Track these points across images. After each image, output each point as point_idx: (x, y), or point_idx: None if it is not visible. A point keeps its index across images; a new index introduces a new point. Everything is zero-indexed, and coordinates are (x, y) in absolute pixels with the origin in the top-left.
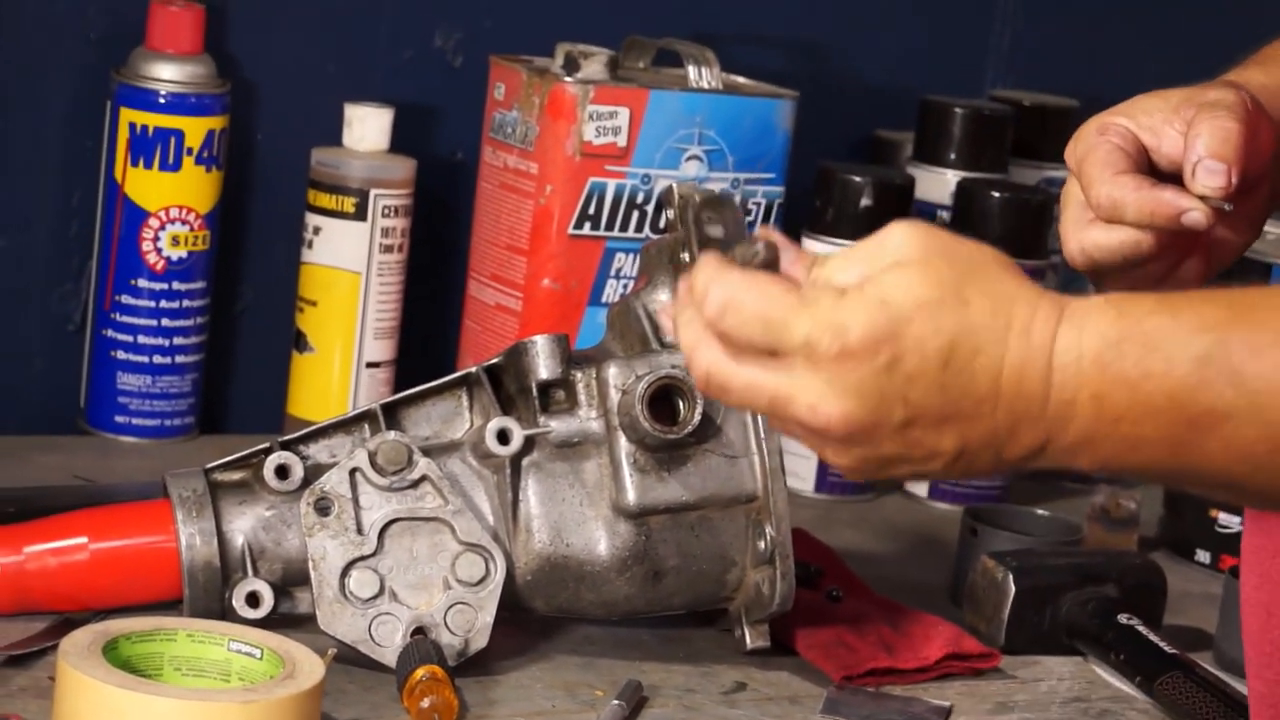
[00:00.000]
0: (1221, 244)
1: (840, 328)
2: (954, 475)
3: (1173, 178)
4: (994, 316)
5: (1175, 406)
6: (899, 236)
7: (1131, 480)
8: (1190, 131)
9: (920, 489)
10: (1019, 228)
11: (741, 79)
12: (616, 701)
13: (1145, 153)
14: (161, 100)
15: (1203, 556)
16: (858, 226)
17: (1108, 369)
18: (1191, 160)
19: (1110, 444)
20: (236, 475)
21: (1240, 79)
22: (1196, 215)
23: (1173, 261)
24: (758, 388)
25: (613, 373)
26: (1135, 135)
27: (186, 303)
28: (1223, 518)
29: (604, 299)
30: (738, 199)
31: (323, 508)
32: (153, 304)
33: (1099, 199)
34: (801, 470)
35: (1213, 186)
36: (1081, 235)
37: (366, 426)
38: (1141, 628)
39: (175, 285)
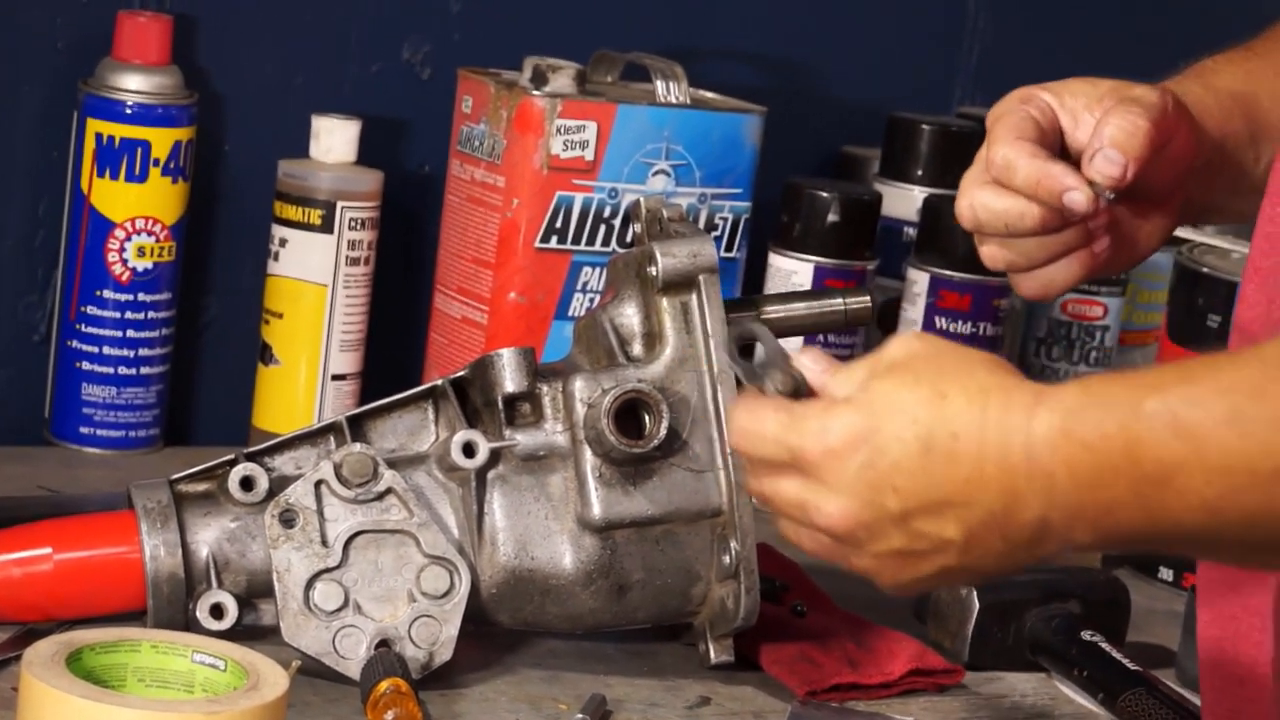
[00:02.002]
0: (1119, 245)
1: (823, 432)
2: (976, 569)
3: (1078, 164)
4: (969, 405)
5: (1132, 463)
6: (895, 345)
7: (1132, 553)
8: (1101, 120)
9: None
10: None
11: (709, 94)
12: (581, 715)
13: (1059, 133)
14: (128, 111)
15: (1166, 574)
16: (824, 242)
17: (1072, 435)
18: (1094, 146)
19: (1093, 511)
20: (201, 487)
21: (1176, 87)
22: (1078, 196)
23: (1056, 249)
24: (782, 498)
25: (579, 386)
26: (1055, 113)
27: (152, 314)
28: None
29: (571, 313)
30: (705, 214)
31: (288, 520)
32: (118, 315)
33: (994, 157)
34: None
35: (1105, 174)
36: (974, 192)
37: (332, 439)
38: (1105, 644)
39: (141, 296)
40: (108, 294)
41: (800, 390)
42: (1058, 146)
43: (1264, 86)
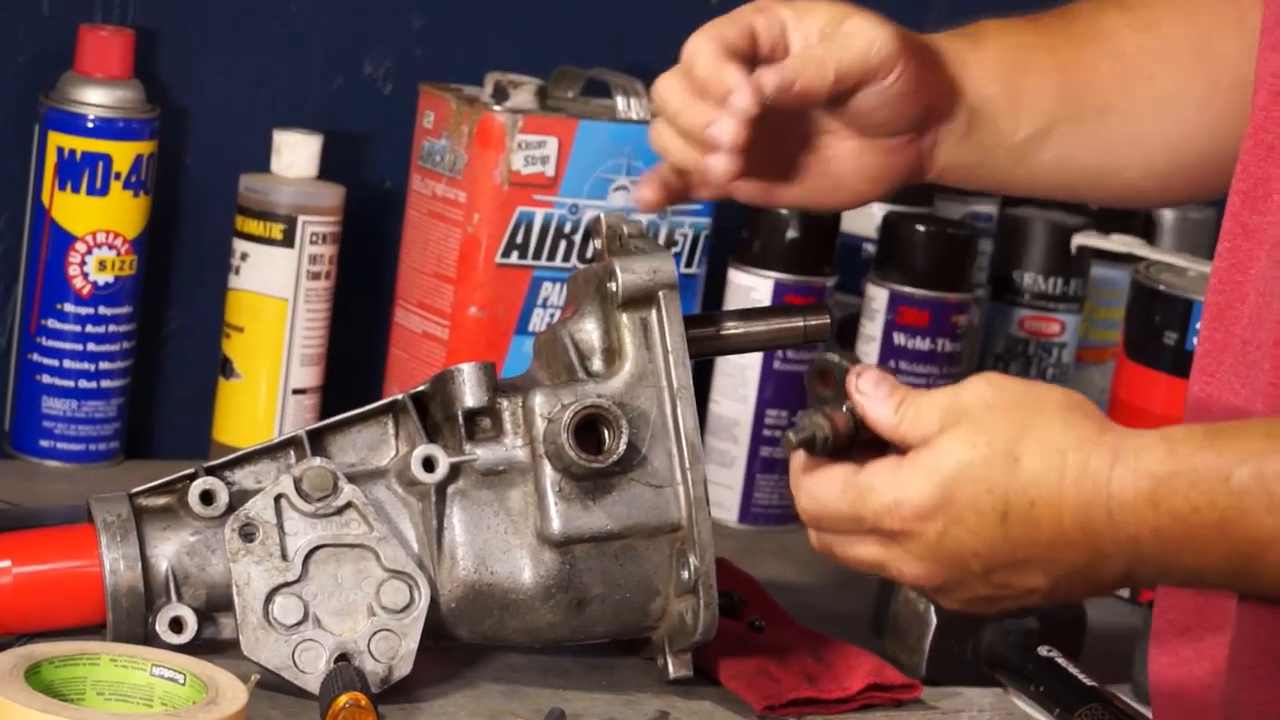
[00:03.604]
0: (817, 171)
1: (896, 506)
2: (1063, 601)
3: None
4: (1046, 470)
5: (1224, 538)
6: (969, 392)
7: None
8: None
9: None
10: (944, 260)
11: None
12: None
13: (783, 49)
14: (90, 124)
15: (1123, 591)
16: (784, 258)
17: (1160, 505)
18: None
19: (1180, 571)
20: (161, 500)
21: (943, 39)
22: (739, 99)
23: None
24: (860, 559)
25: (539, 401)
26: (784, 28)
27: (113, 327)
28: None
29: (531, 328)
30: (665, 230)
31: (247, 533)
32: (79, 328)
33: (686, 45)
34: (726, 500)
35: (769, 81)
36: (661, 78)
37: (292, 453)
38: (1061, 660)
39: (102, 310)
40: (68, 307)
41: (836, 443)
42: (770, 58)
43: (1034, 61)
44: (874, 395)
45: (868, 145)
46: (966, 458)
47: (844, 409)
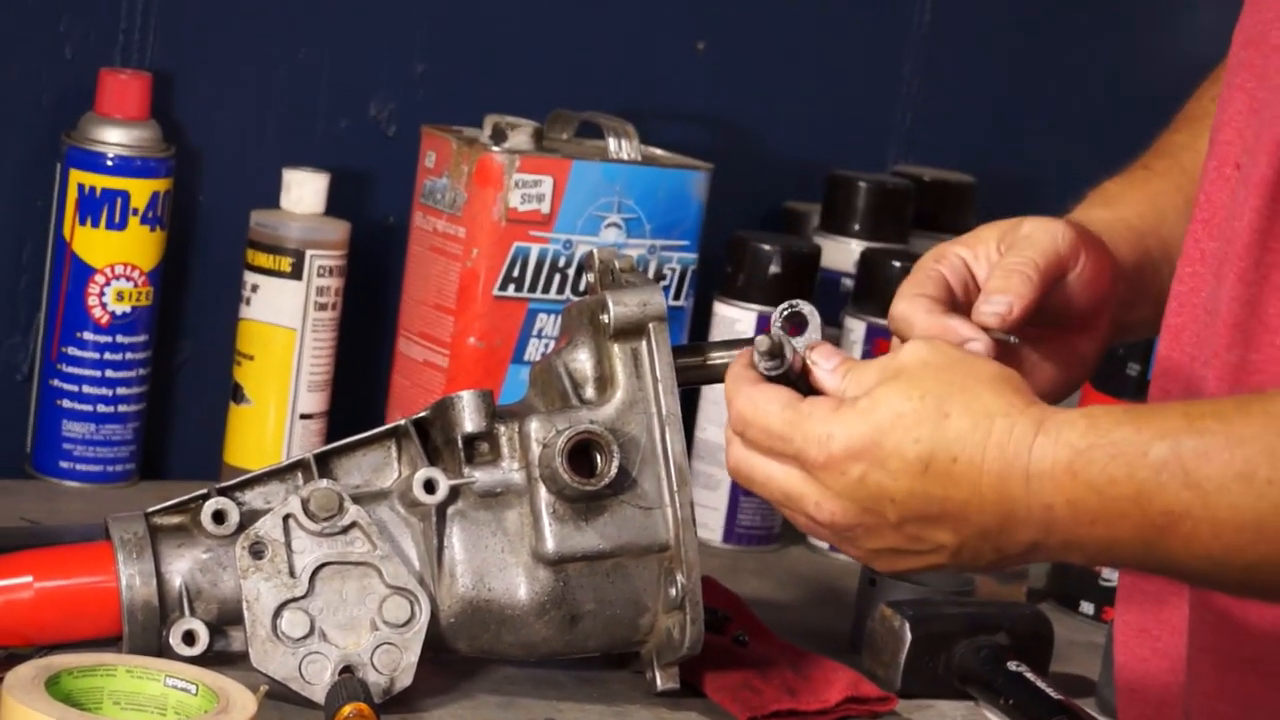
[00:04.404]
0: (1058, 371)
1: (826, 439)
2: (965, 568)
3: None
4: (972, 429)
5: (1139, 510)
6: (906, 351)
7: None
8: (990, 269)
9: (822, 541)
10: None
11: (659, 151)
12: None
13: (974, 283)
14: (109, 163)
15: (1087, 608)
16: (767, 292)
17: (1078, 476)
18: (983, 292)
19: (1091, 544)
20: (175, 519)
21: (1084, 215)
22: (976, 345)
23: None
24: (772, 485)
25: (534, 427)
26: (967, 266)
27: (129, 355)
28: (1105, 572)
29: (527, 357)
30: (654, 264)
31: (257, 551)
32: (97, 356)
33: (893, 313)
34: (711, 522)
35: (990, 313)
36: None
37: (300, 475)
38: (1029, 674)
39: (119, 338)
40: (88, 336)
41: (785, 376)
42: (966, 296)
43: (1168, 203)
44: (824, 363)
45: (1074, 332)
46: (900, 407)
47: (801, 355)
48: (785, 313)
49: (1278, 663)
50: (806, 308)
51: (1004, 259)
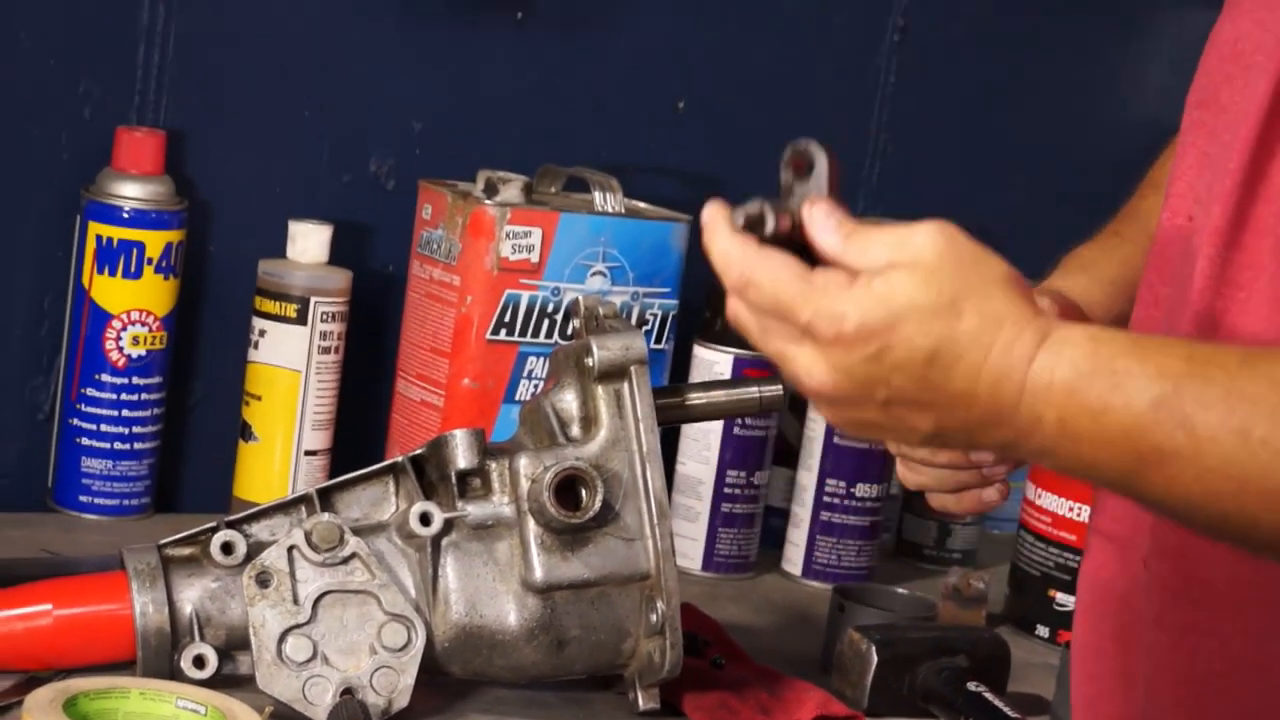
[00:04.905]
0: None
1: (838, 316)
2: (930, 445)
3: None
4: (981, 331)
5: (1128, 440)
6: (923, 236)
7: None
8: None
9: (795, 569)
10: None
11: (642, 204)
12: None
13: None
14: (125, 215)
15: (1042, 631)
16: (741, 336)
17: (1074, 396)
18: None
19: (1069, 458)
20: (186, 551)
21: (1063, 281)
22: (992, 494)
23: (960, 483)
24: (768, 340)
25: (524, 464)
26: None
27: (144, 396)
28: (1060, 597)
29: (517, 397)
30: (636, 311)
31: (263, 580)
32: (114, 396)
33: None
34: (690, 551)
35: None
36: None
37: (304, 508)
38: (988, 694)
39: (135, 380)
40: (105, 378)
41: (762, 229)
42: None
43: (1139, 266)
44: (823, 224)
45: None
46: (920, 299)
47: (787, 211)
48: (790, 152)
49: (1235, 681)
50: (814, 146)
51: None
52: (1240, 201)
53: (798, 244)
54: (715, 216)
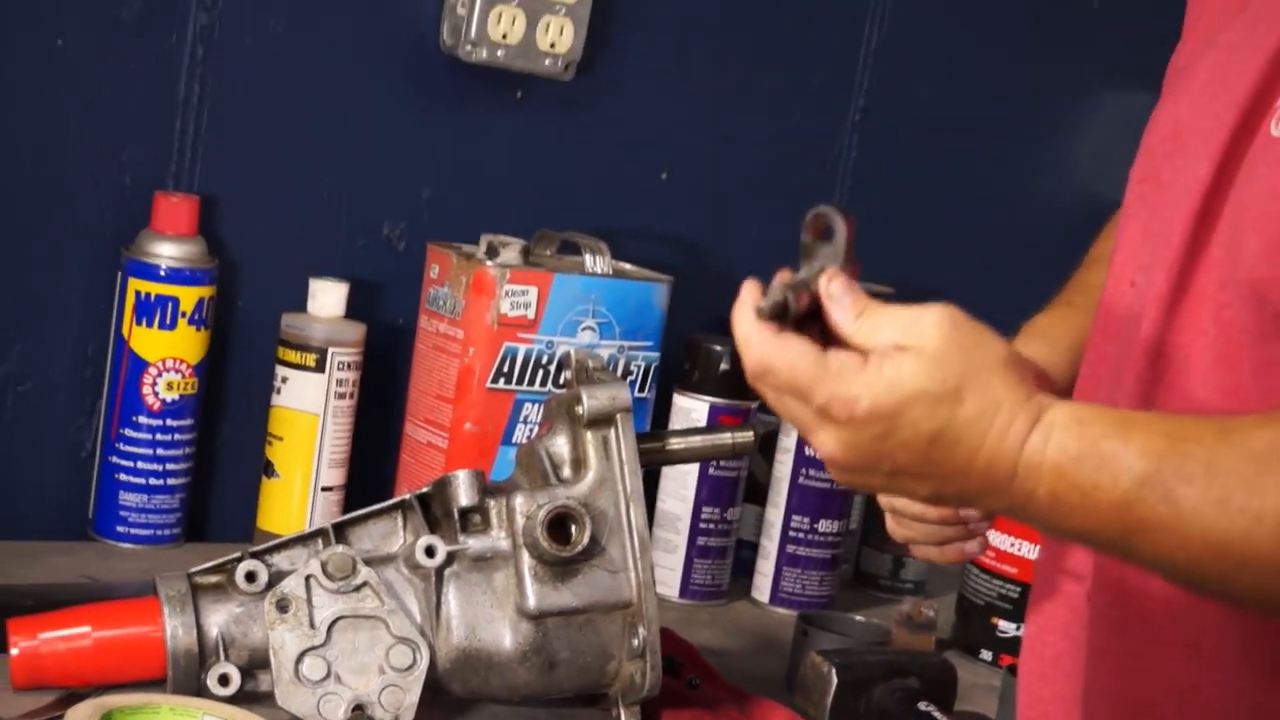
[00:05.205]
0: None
1: (851, 400)
2: (926, 503)
3: None
4: (980, 416)
5: (1116, 514)
6: (931, 321)
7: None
8: None
9: (763, 597)
10: None
11: (628, 266)
12: None
13: None
14: (162, 273)
15: (986, 655)
16: (718, 386)
17: (1064, 477)
18: None
19: (1060, 527)
20: (214, 578)
21: (1026, 347)
22: (973, 548)
23: (945, 538)
24: (792, 415)
25: (519, 502)
26: None
27: (177, 436)
28: (1002, 624)
29: (514, 440)
30: (622, 363)
31: (283, 606)
32: (150, 436)
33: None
34: (669, 580)
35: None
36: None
37: (320, 541)
38: (937, 713)
39: (169, 422)
40: (142, 420)
41: (785, 315)
42: None
43: (1086, 331)
44: (840, 300)
45: None
46: (926, 387)
47: (808, 289)
48: (811, 218)
49: (1168, 704)
50: (834, 213)
51: None
52: (1182, 271)
53: (815, 316)
54: (742, 303)
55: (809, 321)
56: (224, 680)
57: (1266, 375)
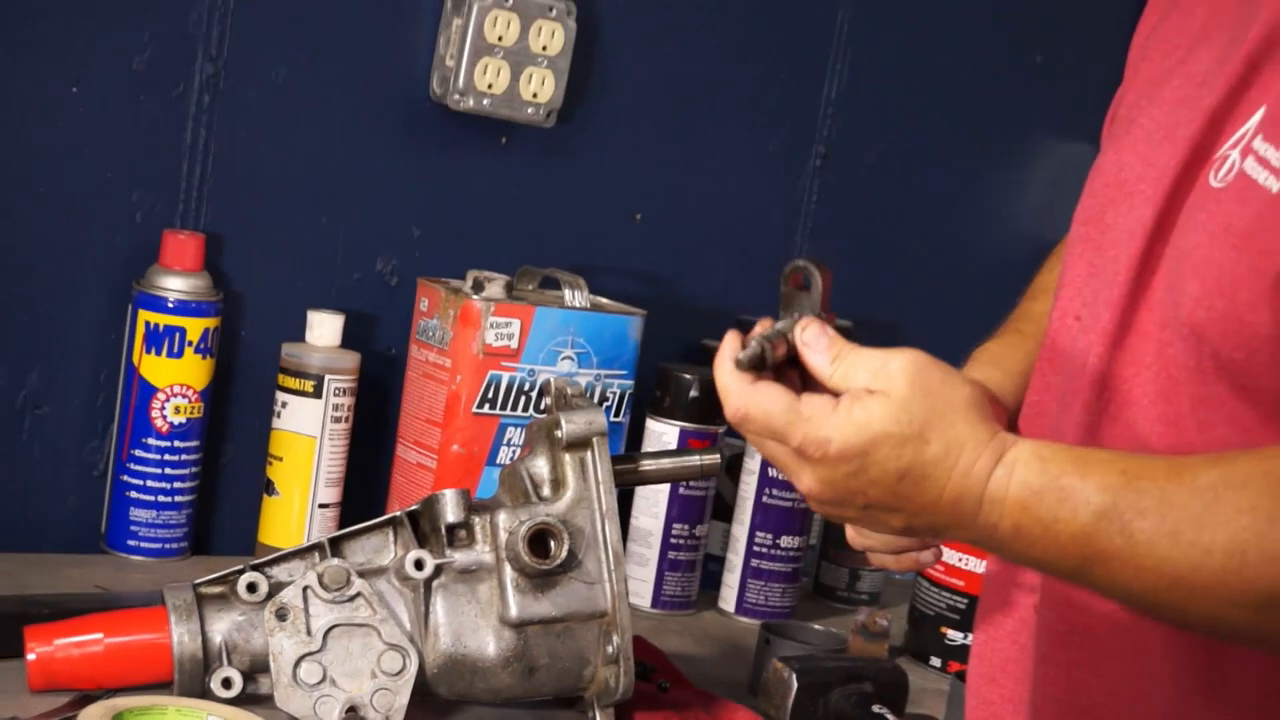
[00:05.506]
0: None
1: (823, 441)
2: (903, 536)
3: None
4: (945, 455)
5: (1075, 545)
6: (898, 366)
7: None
8: None
9: (729, 607)
10: None
11: (604, 300)
12: None
13: None
14: (170, 305)
15: (935, 662)
16: (687, 411)
17: (1026, 511)
18: None
19: (1023, 557)
20: (218, 589)
21: (979, 372)
22: (927, 557)
23: (902, 547)
24: (772, 455)
25: (502, 518)
26: None
27: (184, 456)
28: (950, 633)
29: (498, 462)
30: (599, 390)
31: (281, 615)
32: (159, 457)
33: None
34: (641, 591)
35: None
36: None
37: (317, 554)
38: (890, 716)
39: (176, 443)
40: (151, 441)
41: (763, 363)
42: None
43: (1034, 359)
44: (815, 346)
45: None
46: (891, 429)
47: (785, 337)
48: (790, 270)
49: (1110, 711)
50: (811, 265)
51: None
52: (1126, 310)
53: (794, 360)
54: (722, 354)
55: (790, 365)
56: (227, 683)
57: (1205, 409)
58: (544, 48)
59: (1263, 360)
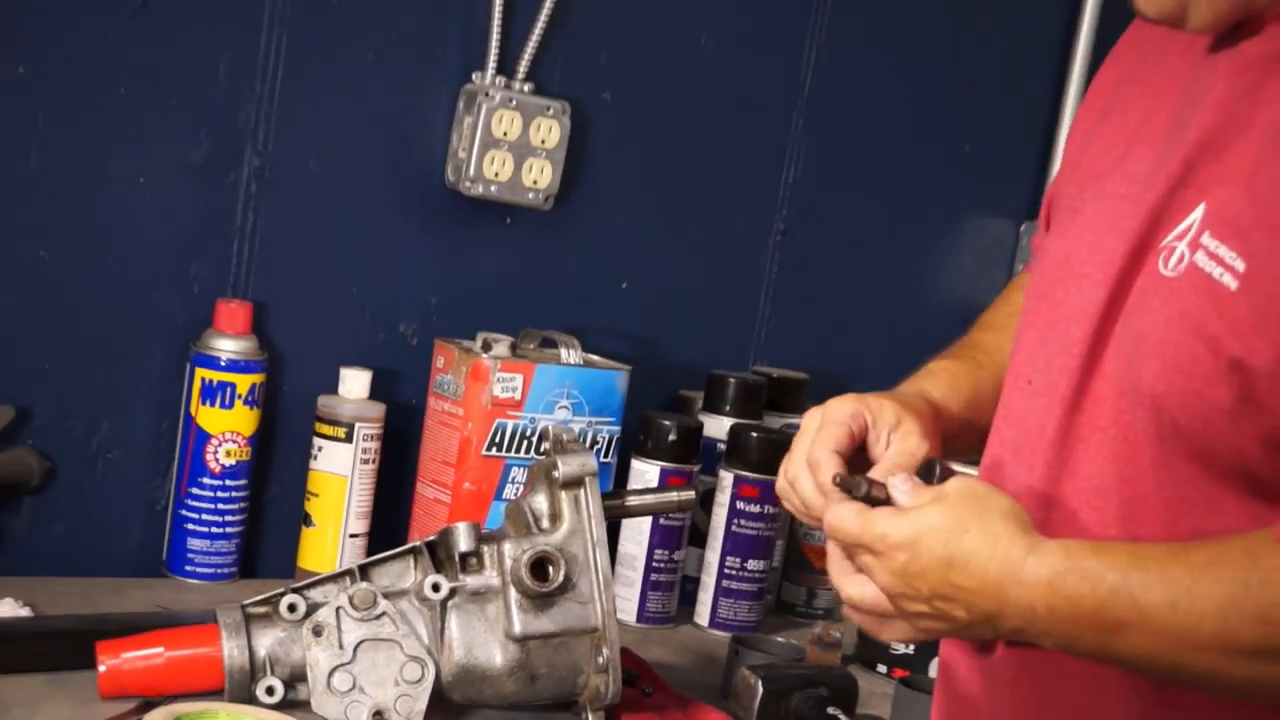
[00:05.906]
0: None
1: (884, 535)
2: (973, 638)
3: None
4: (982, 544)
5: (1097, 617)
6: (953, 483)
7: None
8: (893, 443)
9: (704, 621)
10: (769, 455)
11: (595, 357)
12: None
13: (864, 437)
14: (222, 364)
15: (882, 669)
16: (667, 452)
17: (1056, 590)
18: (884, 469)
19: (1061, 637)
20: (263, 609)
21: (926, 381)
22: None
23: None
24: (862, 565)
25: (508, 547)
26: (867, 426)
27: (234, 493)
28: (895, 644)
29: (504, 498)
30: (590, 435)
31: (317, 631)
32: (212, 494)
33: (813, 454)
34: (628, 607)
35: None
36: (794, 469)
37: (348, 579)
38: (843, 717)
39: (227, 482)
40: (205, 480)
41: (870, 498)
42: (860, 444)
43: (983, 378)
44: (901, 489)
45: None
46: (935, 521)
47: (881, 483)
48: (923, 466)
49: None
50: (936, 464)
51: (898, 445)
52: (1082, 378)
53: (882, 501)
54: (830, 490)
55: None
56: (270, 691)
57: (1163, 468)
58: (543, 141)
59: (1217, 429)
